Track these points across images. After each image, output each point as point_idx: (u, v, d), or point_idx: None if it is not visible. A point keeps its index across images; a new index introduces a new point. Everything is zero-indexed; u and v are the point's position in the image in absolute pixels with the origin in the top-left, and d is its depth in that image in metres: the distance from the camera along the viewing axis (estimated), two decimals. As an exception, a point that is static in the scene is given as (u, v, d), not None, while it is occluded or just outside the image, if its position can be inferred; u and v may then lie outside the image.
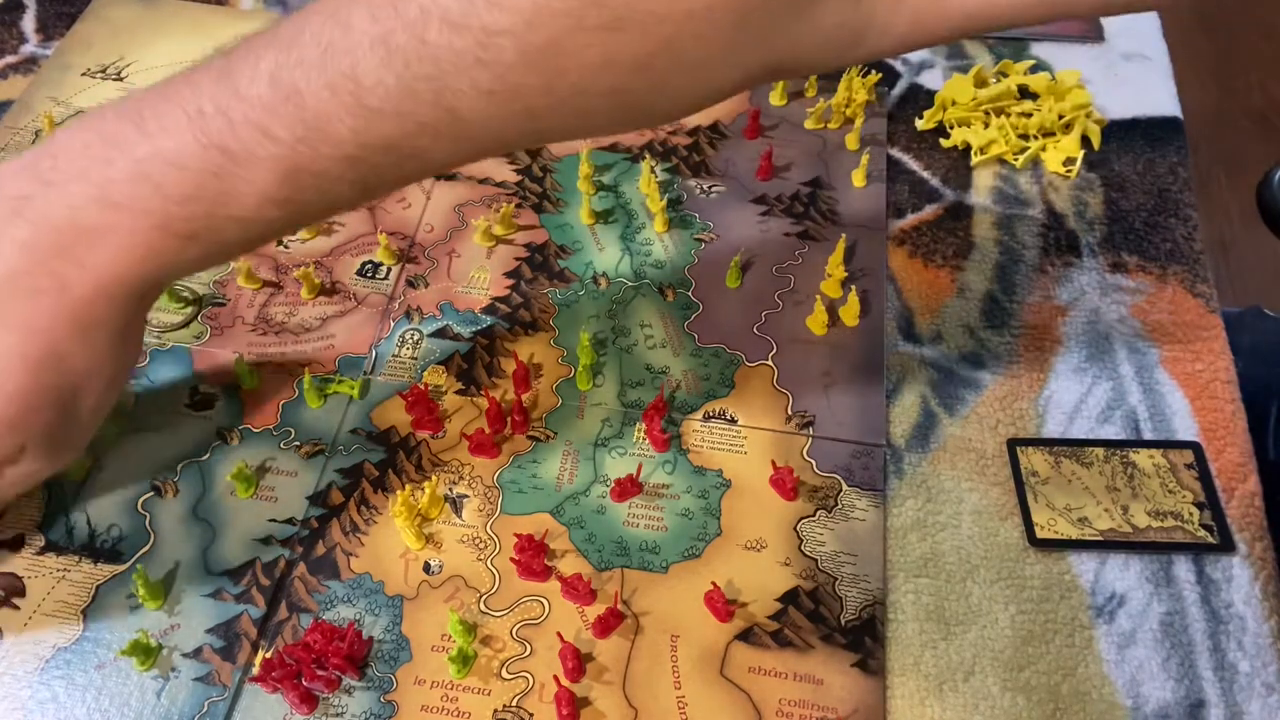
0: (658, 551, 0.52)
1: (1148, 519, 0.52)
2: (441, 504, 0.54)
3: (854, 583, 0.51)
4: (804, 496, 0.54)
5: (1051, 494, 0.53)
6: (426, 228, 0.66)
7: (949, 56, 0.77)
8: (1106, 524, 0.52)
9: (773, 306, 0.62)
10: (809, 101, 0.73)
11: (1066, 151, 0.70)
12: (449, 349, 0.60)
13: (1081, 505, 0.53)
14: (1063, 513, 0.52)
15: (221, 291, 0.62)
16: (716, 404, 0.58)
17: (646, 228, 0.66)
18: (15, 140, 0.70)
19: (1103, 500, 0.53)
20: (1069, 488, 0.53)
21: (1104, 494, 0.53)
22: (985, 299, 0.63)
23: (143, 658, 0.48)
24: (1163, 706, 0.48)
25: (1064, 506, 0.52)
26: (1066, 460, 0.54)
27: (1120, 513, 0.52)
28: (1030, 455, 0.54)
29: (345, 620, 0.50)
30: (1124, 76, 0.76)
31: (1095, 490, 0.53)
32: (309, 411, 0.57)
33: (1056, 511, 0.52)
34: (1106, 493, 0.53)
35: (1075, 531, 0.52)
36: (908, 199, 0.68)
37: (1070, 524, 0.52)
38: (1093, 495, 0.53)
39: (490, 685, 0.48)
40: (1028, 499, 0.53)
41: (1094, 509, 0.53)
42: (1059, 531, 0.52)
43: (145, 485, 0.54)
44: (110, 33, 0.77)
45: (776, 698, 0.48)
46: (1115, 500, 0.53)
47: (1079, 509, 0.52)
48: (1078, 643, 0.50)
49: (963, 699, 0.48)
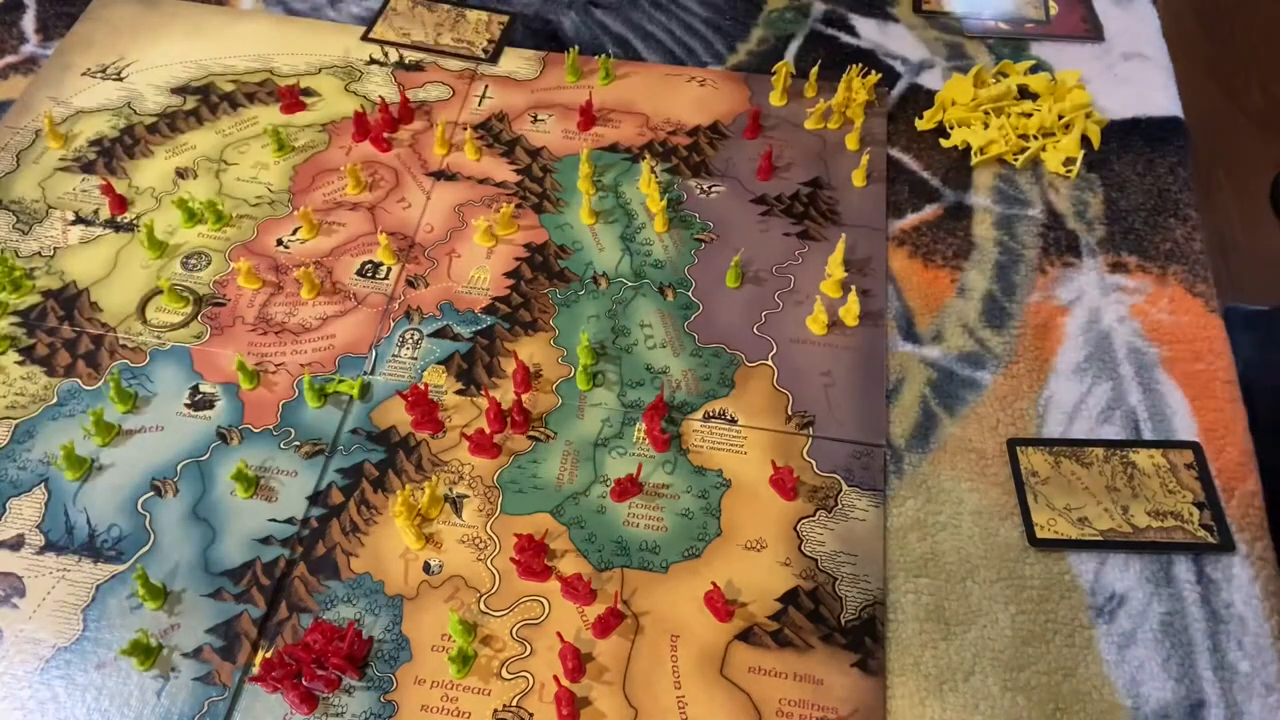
0: (658, 551, 0.52)
1: (1148, 519, 0.52)
2: (441, 504, 0.54)
3: (854, 583, 0.51)
4: (804, 496, 0.54)
5: (1051, 494, 0.53)
6: (426, 228, 0.66)
7: (949, 56, 0.77)
8: (1106, 524, 0.52)
9: (773, 306, 0.62)
10: (809, 101, 0.73)
11: (1066, 151, 0.70)
12: (449, 349, 0.60)
13: (1081, 505, 0.53)
14: (1063, 513, 0.52)
15: (221, 291, 0.62)
16: (716, 404, 0.58)
17: (646, 228, 0.66)
18: (15, 140, 0.70)
19: (1103, 500, 0.53)
20: (1069, 488, 0.53)
21: (1104, 494, 0.53)
22: (985, 299, 0.63)
23: (143, 658, 0.48)
24: (1163, 706, 0.48)
25: (1064, 506, 0.53)
26: (1066, 460, 0.54)
27: (1120, 513, 0.52)
28: (1030, 455, 0.54)
29: (345, 620, 0.50)
30: (1124, 76, 0.76)
31: (1095, 490, 0.53)
32: (309, 411, 0.57)
33: (1056, 511, 0.52)
34: (1106, 493, 0.53)
35: (1075, 531, 0.52)
36: (908, 199, 0.68)
37: (1070, 524, 0.52)
38: (1093, 495, 0.53)
39: (490, 685, 0.48)
40: (1028, 499, 0.53)
41: (1094, 509, 0.53)
42: (1059, 531, 0.52)
43: (145, 485, 0.54)
44: (110, 33, 0.77)
45: (776, 698, 0.48)
46: (1115, 500, 0.53)
47: (1079, 509, 0.52)
48: (1078, 643, 0.50)
49: (963, 699, 0.48)
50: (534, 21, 0.79)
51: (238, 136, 0.70)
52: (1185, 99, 0.75)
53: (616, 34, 0.78)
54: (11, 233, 0.65)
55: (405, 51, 0.76)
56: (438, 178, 0.69)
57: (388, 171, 0.69)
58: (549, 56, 0.76)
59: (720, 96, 0.73)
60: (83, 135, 0.70)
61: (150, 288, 0.62)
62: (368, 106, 0.72)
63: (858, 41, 0.78)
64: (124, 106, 0.72)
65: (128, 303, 0.62)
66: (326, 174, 0.68)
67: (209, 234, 0.65)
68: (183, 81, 0.74)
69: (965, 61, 0.77)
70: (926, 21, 0.79)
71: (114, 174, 0.68)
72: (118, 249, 0.64)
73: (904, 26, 0.79)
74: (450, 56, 0.76)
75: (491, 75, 0.75)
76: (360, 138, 0.70)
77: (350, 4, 0.80)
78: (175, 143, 0.70)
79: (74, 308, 0.61)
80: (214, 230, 0.65)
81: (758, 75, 0.75)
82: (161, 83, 0.74)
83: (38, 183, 0.67)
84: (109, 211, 0.66)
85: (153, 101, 0.72)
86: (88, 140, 0.70)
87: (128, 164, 0.69)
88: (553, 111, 0.72)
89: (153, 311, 0.61)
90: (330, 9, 0.79)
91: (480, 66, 0.75)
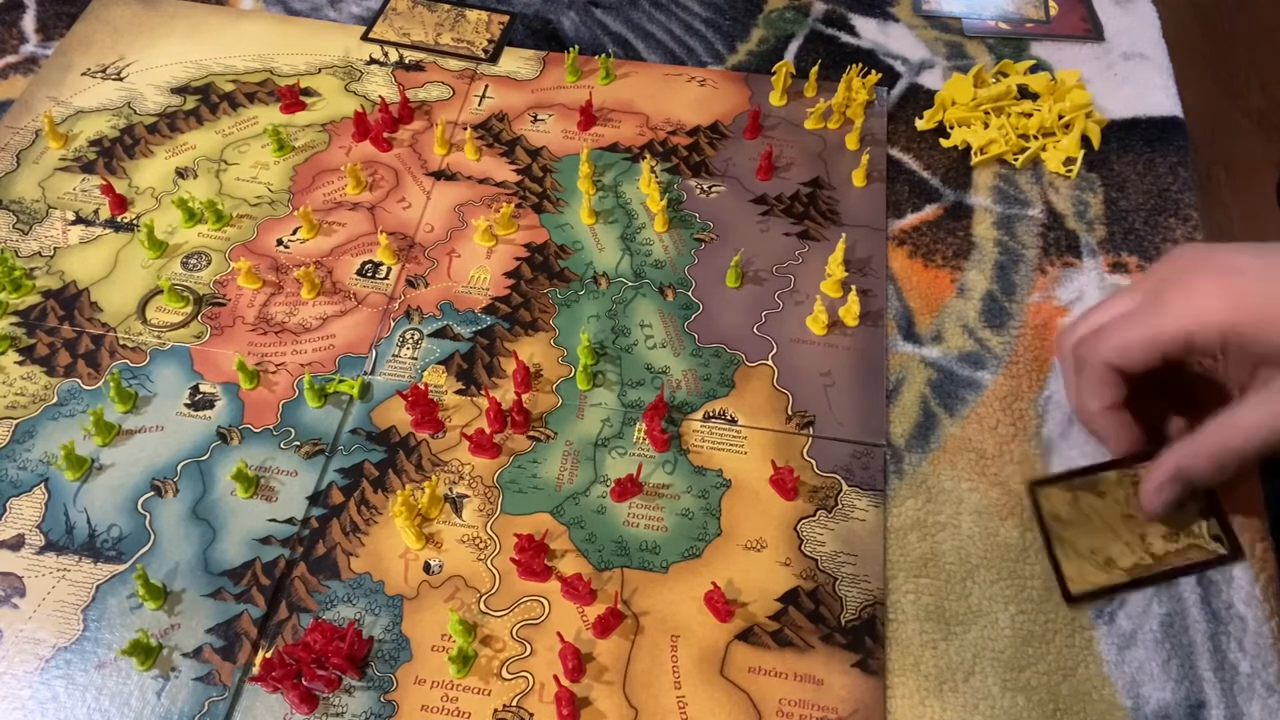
0: (658, 551, 0.52)
1: (1163, 543, 0.52)
2: (441, 504, 0.54)
3: (854, 583, 0.51)
4: (804, 496, 0.54)
5: (1075, 539, 0.52)
6: (426, 228, 0.66)
7: (949, 56, 0.77)
8: (1129, 560, 0.52)
9: (773, 306, 0.62)
10: (809, 101, 0.73)
11: (1066, 151, 0.70)
12: (449, 349, 0.60)
13: (1105, 545, 0.52)
14: (1088, 557, 0.52)
15: (221, 291, 0.62)
16: (716, 404, 0.58)
17: (646, 228, 0.66)
18: (15, 140, 0.70)
19: (1121, 533, 0.52)
20: (1089, 526, 0.53)
21: (1121, 525, 0.53)
22: (985, 299, 0.63)
23: (143, 658, 0.48)
24: (1163, 707, 0.48)
25: (1089, 550, 0.52)
26: (1083, 494, 0.54)
27: (1139, 543, 0.52)
28: (1051, 497, 0.54)
29: (345, 620, 0.50)
30: (1124, 76, 0.76)
31: (1113, 523, 0.53)
32: (309, 411, 0.57)
33: (1084, 558, 0.52)
34: (1123, 522, 0.53)
35: (1105, 577, 0.51)
36: (908, 199, 0.68)
37: (1098, 568, 0.51)
38: (1112, 529, 0.52)
39: (490, 685, 0.48)
40: (1056, 552, 0.52)
41: (1116, 546, 0.52)
42: (1091, 581, 0.51)
43: (145, 485, 0.54)
44: (110, 33, 0.77)
45: (776, 698, 0.48)
46: (1133, 530, 0.52)
47: (1102, 549, 0.52)
48: (1078, 643, 0.50)
49: (963, 699, 0.48)
50: (534, 21, 0.79)
51: (238, 136, 0.70)
52: (1185, 99, 0.75)
53: (616, 34, 0.78)
54: (11, 233, 0.65)
55: (405, 51, 0.76)
56: (438, 178, 0.69)
57: (388, 171, 0.69)
58: (549, 56, 0.76)
59: (720, 96, 0.73)
60: (83, 135, 0.70)
61: (150, 288, 0.62)
62: (368, 106, 0.72)
63: (858, 41, 0.78)
64: (124, 106, 0.72)
65: (128, 303, 0.62)
66: (326, 174, 0.69)
67: (209, 234, 0.65)
68: (183, 81, 0.74)
69: (965, 61, 0.77)
70: (927, 21, 0.79)
71: (114, 174, 0.68)
72: (118, 249, 0.64)
73: (904, 26, 0.79)
74: (450, 56, 0.76)
75: (491, 75, 0.75)
76: (360, 138, 0.70)
77: (350, 4, 0.80)
78: (175, 143, 0.70)
79: (74, 308, 0.61)
80: (214, 230, 0.65)
81: (758, 75, 0.75)
82: (161, 83, 0.74)
83: (38, 183, 0.67)
84: (109, 211, 0.66)
85: (153, 101, 0.72)
86: (88, 140, 0.70)
87: (128, 164, 0.69)
88: (553, 111, 0.72)
89: (153, 311, 0.61)
90: (330, 9, 0.79)
91: (480, 66, 0.75)
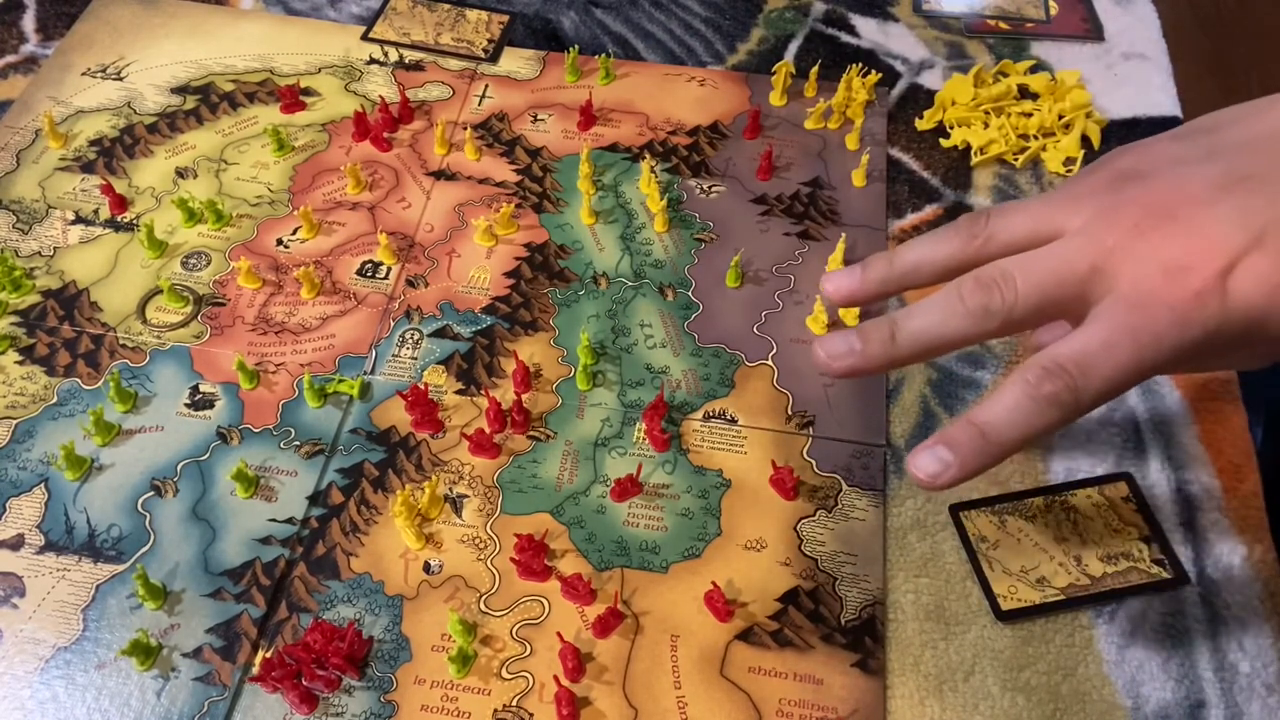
0: (658, 551, 0.52)
1: (1101, 565, 0.51)
2: (441, 504, 0.54)
3: (854, 583, 0.51)
4: (804, 496, 0.54)
5: (1005, 558, 0.52)
6: (426, 228, 0.66)
7: (949, 56, 0.77)
8: (1064, 580, 0.51)
9: (773, 306, 0.62)
10: (809, 101, 0.73)
11: (1066, 151, 0.70)
12: (449, 349, 0.60)
13: (1036, 564, 0.51)
14: (1020, 576, 0.51)
15: (221, 292, 0.62)
16: (716, 404, 0.58)
17: (646, 228, 0.66)
18: (15, 140, 0.70)
19: (1055, 554, 0.52)
20: (1019, 548, 0.52)
21: (1054, 547, 0.52)
22: (985, 299, 0.63)
23: (143, 658, 0.48)
24: (1163, 707, 0.48)
25: (1020, 570, 0.51)
26: (1010, 517, 0.53)
27: (1074, 564, 0.51)
28: (975, 520, 0.53)
29: (345, 620, 0.50)
30: (1124, 76, 0.76)
31: (1045, 545, 0.52)
32: (309, 411, 0.57)
33: (1014, 576, 0.51)
34: (1056, 544, 0.52)
35: (1037, 595, 0.51)
36: (908, 199, 0.68)
37: (1030, 587, 0.51)
38: (1044, 551, 0.52)
39: (490, 685, 0.48)
40: (984, 569, 0.52)
41: (1049, 566, 0.51)
42: (1022, 598, 0.51)
43: (145, 485, 0.54)
44: (110, 33, 0.77)
45: (776, 698, 0.48)
46: (1067, 551, 0.52)
47: (1034, 569, 0.51)
48: (1078, 643, 0.50)
49: (963, 699, 0.48)
50: (534, 21, 0.79)
51: (238, 136, 0.70)
52: (1185, 99, 0.75)
53: (616, 34, 0.78)
54: (11, 232, 0.65)
55: (405, 51, 0.76)
56: (438, 177, 0.69)
57: (388, 171, 0.69)
58: (549, 56, 0.76)
59: (720, 96, 0.73)
60: (83, 135, 0.70)
61: (150, 287, 0.62)
62: (368, 106, 0.72)
63: (858, 41, 0.78)
64: (124, 106, 0.72)
65: (128, 302, 0.62)
66: (326, 174, 0.69)
67: (209, 234, 0.65)
68: (183, 81, 0.74)
69: (965, 61, 0.77)
70: (927, 21, 0.79)
71: (114, 174, 0.68)
72: (118, 249, 0.64)
73: (904, 26, 0.79)
74: (450, 56, 0.76)
75: (491, 75, 0.75)
76: (360, 137, 0.70)
77: (350, 4, 0.80)
78: (175, 142, 0.70)
79: (74, 307, 0.61)
80: (214, 230, 0.65)
81: (758, 75, 0.75)
82: (161, 83, 0.74)
83: (38, 182, 0.67)
84: (109, 211, 0.66)
85: (153, 101, 0.72)
86: (88, 140, 0.70)
87: (128, 164, 0.69)
88: (553, 111, 0.72)
89: (153, 311, 0.61)
90: (330, 9, 0.79)
91: (480, 66, 0.75)
